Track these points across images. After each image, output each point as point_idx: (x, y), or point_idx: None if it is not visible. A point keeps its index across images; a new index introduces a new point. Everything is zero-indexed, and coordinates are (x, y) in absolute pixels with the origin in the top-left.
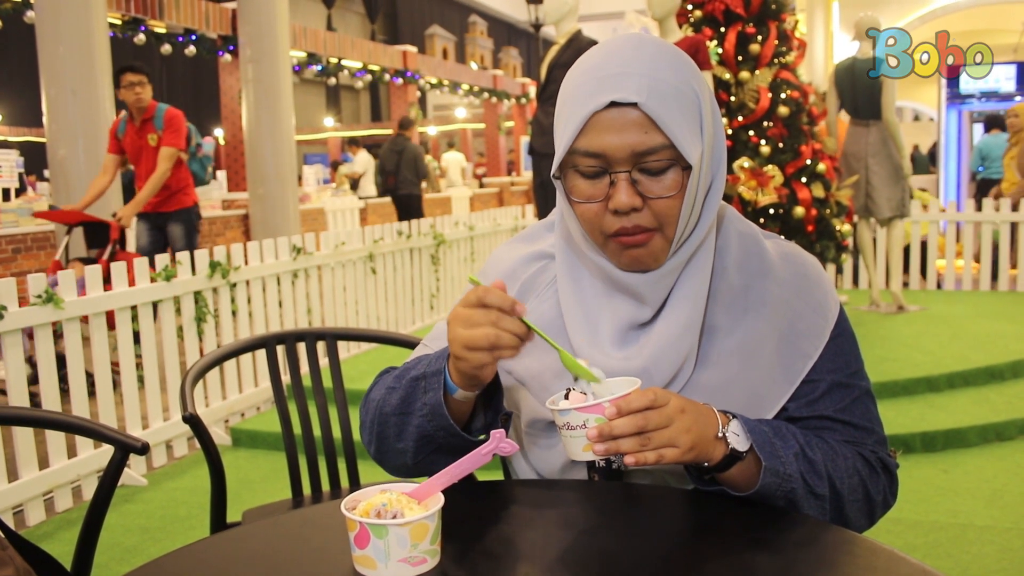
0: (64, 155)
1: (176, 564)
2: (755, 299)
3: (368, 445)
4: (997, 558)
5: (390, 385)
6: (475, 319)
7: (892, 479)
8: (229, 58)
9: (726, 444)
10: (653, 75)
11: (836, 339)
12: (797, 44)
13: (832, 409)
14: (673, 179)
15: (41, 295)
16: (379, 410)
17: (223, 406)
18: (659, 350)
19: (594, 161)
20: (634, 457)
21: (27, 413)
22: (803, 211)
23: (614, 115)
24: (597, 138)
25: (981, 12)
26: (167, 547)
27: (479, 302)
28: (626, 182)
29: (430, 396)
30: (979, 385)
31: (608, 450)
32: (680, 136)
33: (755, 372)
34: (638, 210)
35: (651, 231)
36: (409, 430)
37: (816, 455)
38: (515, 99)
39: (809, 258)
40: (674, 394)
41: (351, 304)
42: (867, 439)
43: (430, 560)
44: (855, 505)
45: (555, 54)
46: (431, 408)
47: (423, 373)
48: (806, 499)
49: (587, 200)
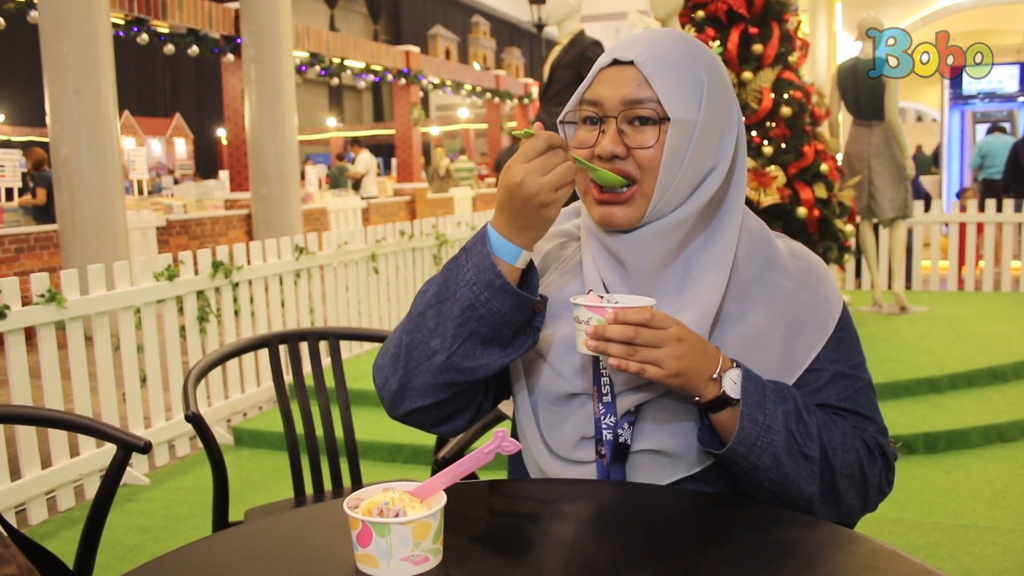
0: (67, 155)
1: (178, 563)
2: (763, 290)
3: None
4: (999, 559)
5: (422, 290)
6: (549, 163)
7: (889, 467)
8: (232, 58)
9: (719, 386)
10: (657, 47)
11: (839, 332)
12: (800, 44)
13: (836, 398)
14: (656, 131)
15: (44, 294)
16: (408, 322)
17: (225, 405)
18: None
19: (592, 109)
20: (618, 362)
21: (30, 412)
22: (806, 211)
23: (614, 71)
24: (598, 87)
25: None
26: (169, 546)
27: (547, 145)
28: (613, 129)
29: (475, 258)
30: (982, 386)
31: (598, 348)
32: (668, 93)
33: (758, 360)
34: (621, 158)
35: (631, 183)
36: (450, 313)
37: (812, 419)
38: (518, 99)
39: (815, 256)
40: (678, 322)
41: (353, 304)
42: (868, 427)
43: (432, 559)
44: (848, 480)
45: (558, 54)
46: (477, 267)
47: (463, 249)
48: (793, 458)
49: (580, 145)
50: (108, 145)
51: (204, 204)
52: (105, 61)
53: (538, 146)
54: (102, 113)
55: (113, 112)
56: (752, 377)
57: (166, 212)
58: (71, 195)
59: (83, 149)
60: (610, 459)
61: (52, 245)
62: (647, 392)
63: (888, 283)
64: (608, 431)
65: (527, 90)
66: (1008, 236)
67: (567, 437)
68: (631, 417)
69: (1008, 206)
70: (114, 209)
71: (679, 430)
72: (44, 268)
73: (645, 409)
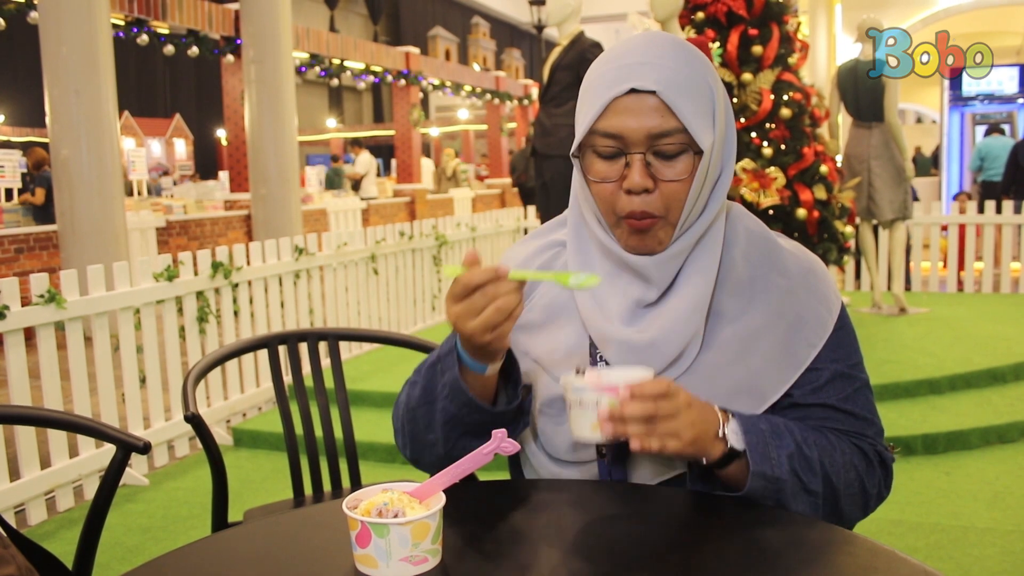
0: (67, 155)
1: (177, 563)
2: (760, 289)
3: (403, 449)
4: (998, 560)
5: (411, 380)
6: (477, 304)
7: (887, 472)
8: (232, 59)
9: (725, 443)
10: (671, 66)
11: (838, 331)
12: (800, 46)
13: (835, 398)
14: (684, 164)
15: (43, 295)
16: (406, 407)
17: (225, 406)
18: (668, 326)
19: (612, 142)
20: (639, 442)
21: (29, 412)
22: (805, 213)
23: (633, 100)
24: (617, 120)
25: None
26: (168, 547)
27: (468, 287)
28: (641, 163)
29: (447, 376)
30: (981, 387)
31: (616, 431)
32: (693, 123)
33: (756, 358)
34: (650, 192)
35: (656, 218)
36: (436, 417)
37: (813, 452)
38: (517, 100)
39: (814, 256)
40: (683, 388)
41: (353, 304)
42: (867, 429)
43: (431, 559)
44: (850, 499)
45: (557, 55)
46: (450, 387)
47: (438, 356)
48: (797, 496)
49: (603, 180)
50: (108, 146)
51: (204, 205)
52: (105, 62)
53: (457, 291)
54: (102, 114)
55: (113, 113)
56: (751, 428)
57: (166, 213)
58: (71, 196)
59: (83, 150)
60: (611, 459)
61: (52, 246)
62: None
63: (888, 284)
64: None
65: (527, 91)
66: (1007, 237)
67: (567, 439)
68: None
69: (1008, 208)
70: (114, 210)
71: None
72: (44, 269)
73: None
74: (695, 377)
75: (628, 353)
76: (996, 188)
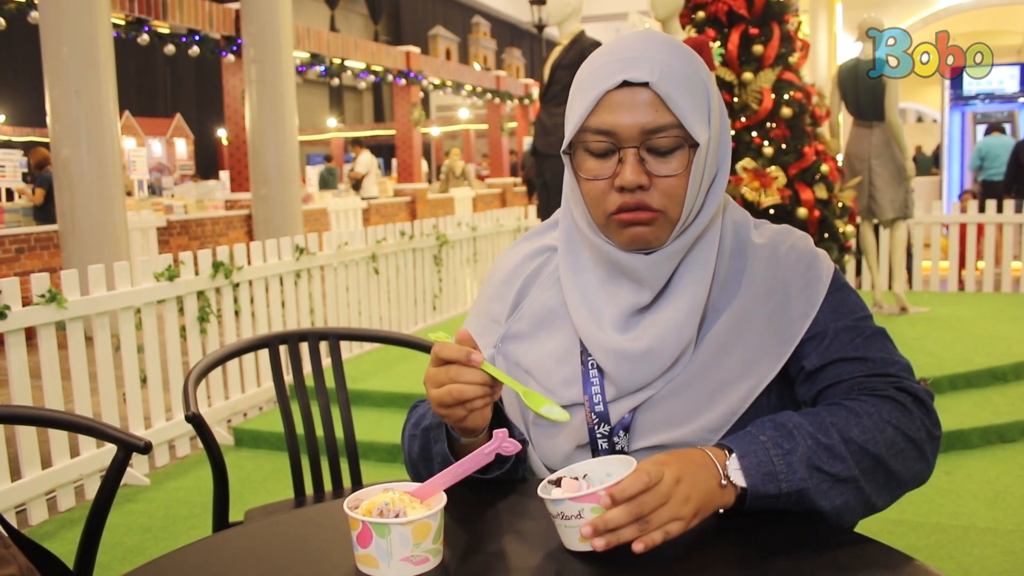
0: (68, 155)
1: (178, 563)
2: (746, 277)
3: (413, 479)
4: (999, 560)
5: (411, 432)
6: (439, 378)
7: (927, 409)
8: (232, 59)
9: (734, 487)
10: (664, 60)
11: (835, 293)
12: (800, 45)
13: (845, 350)
14: (680, 159)
15: (44, 295)
16: (408, 455)
17: (226, 406)
18: (664, 333)
19: (604, 138)
20: (642, 543)
21: (30, 412)
22: (806, 212)
23: (625, 94)
24: (608, 116)
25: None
26: (169, 547)
27: (437, 359)
28: (634, 159)
29: (439, 447)
30: (982, 387)
31: (610, 543)
32: (689, 116)
33: (750, 338)
34: (644, 188)
35: (655, 211)
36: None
37: (833, 437)
38: (518, 100)
39: (797, 232)
40: (666, 463)
41: (354, 304)
42: (888, 368)
43: (432, 559)
44: (899, 456)
45: (558, 55)
46: (443, 458)
47: (430, 424)
48: (831, 492)
49: (595, 177)
50: (108, 145)
51: (204, 204)
52: (106, 61)
53: (432, 356)
54: (103, 113)
55: (114, 112)
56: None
57: (166, 212)
58: (72, 195)
59: (84, 150)
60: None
61: (52, 245)
62: (639, 396)
63: (888, 284)
64: (603, 440)
65: (527, 91)
66: (1008, 237)
67: (561, 448)
68: (626, 422)
69: (1008, 207)
70: (114, 209)
71: (677, 427)
72: (44, 268)
73: (640, 412)
74: (687, 375)
75: (623, 362)
76: (996, 187)
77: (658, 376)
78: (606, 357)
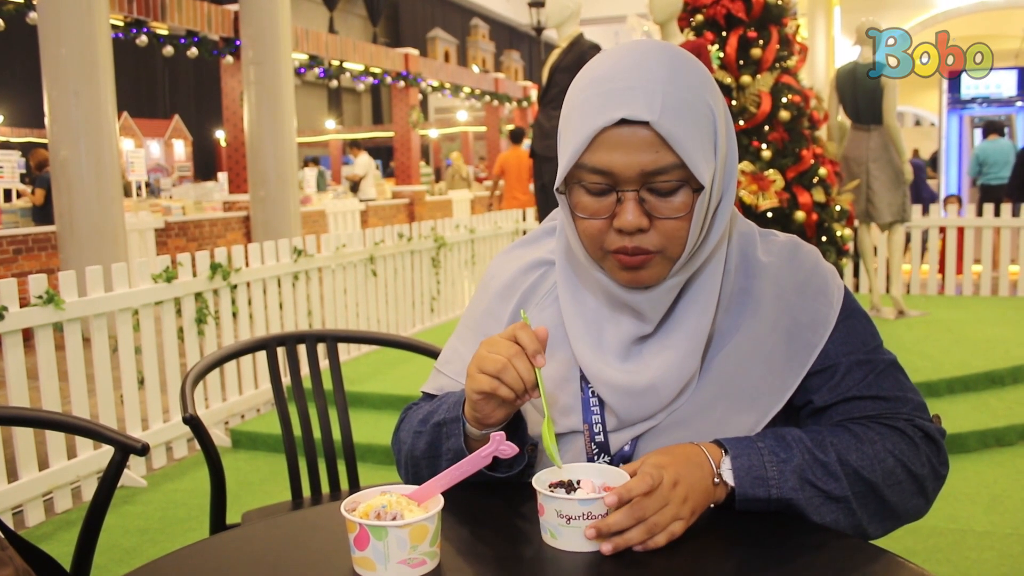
0: (66, 156)
1: (175, 565)
2: (752, 300)
3: (405, 481)
4: (996, 564)
5: (416, 429)
6: (498, 347)
7: (937, 448)
8: (231, 60)
9: (725, 485)
10: (666, 90)
11: (845, 322)
12: (799, 48)
13: (857, 388)
14: (682, 200)
15: (42, 296)
16: (410, 453)
17: (223, 408)
18: (667, 367)
19: (601, 178)
20: (643, 546)
21: (27, 413)
22: (804, 215)
23: (624, 132)
24: (606, 155)
25: (982, 17)
26: (166, 548)
27: (511, 335)
28: (633, 201)
29: (452, 442)
30: (979, 390)
31: (618, 546)
32: (692, 156)
33: (755, 370)
34: (644, 230)
35: (653, 253)
36: (441, 471)
37: (830, 456)
38: (516, 102)
39: (805, 248)
40: (664, 466)
41: (351, 306)
42: (901, 408)
43: (429, 562)
44: (896, 488)
45: (557, 57)
46: (455, 453)
47: (443, 419)
48: (821, 508)
49: (591, 216)
50: (107, 147)
51: (203, 206)
52: (104, 63)
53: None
54: (101, 115)
55: (112, 114)
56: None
57: (164, 214)
58: (70, 197)
59: (82, 151)
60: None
61: (50, 246)
62: (641, 427)
63: (886, 287)
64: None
65: (526, 93)
66: (1006, 240)
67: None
68: (626, 453)
69: (1006, 210)
70: (112, 211)
71: None
72: (42, 269)
73: (642, 442)
74: (692, 405)
75: (625, 397)
76: (995, 191)
77: (661, 409)
78: (607, 391)
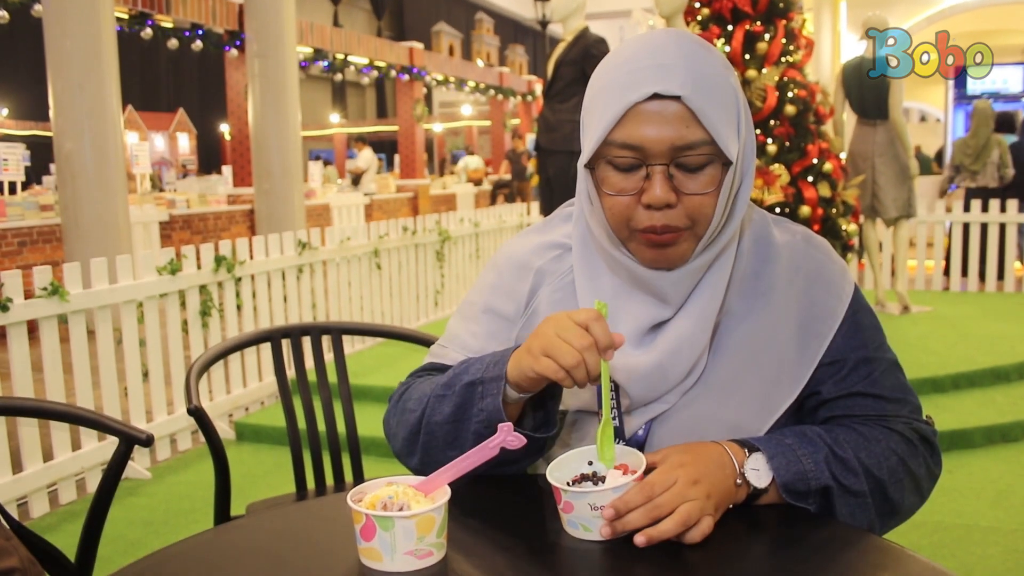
0: (71, 149)
1: (179, 557)
2: (764, 285)
3: (407, 456)
4: (1002, 559)
5: (438, 393)
6: (571, 334)
7: (933, 449)
8: (236, 53)
9: (748, 485)
10: (695, 68)
11: (854, 316)
12: (804, 43)
13: (861, 384)
14: (711, 175)
15: (46, 288)
16: (425, 420)
17: (227, 400)
18: (675, 346)
19: (630, 153)
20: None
21: (32, 404)
22: (809, 210)
23: (655, 107)
24: (636, 130)
25: (988, 12)
26: (170, 540)
27: (586, 322)
28: (662, 176)
29: (488, 402)
30: (984, 386)
31: (651, 539)
32: (721, 131)
33: (768, 359)
34: (672, 206)
35: (681, 230)
36: (464, 436)
37: (848, 452)
38: (521, 96)
39: (817, 240)
40: (683, 464)
41: (356, 300)
42: (901, 410)
43: (436, 553)
44: (898, 486)
45: (562, 51)
46: (488, 414)
47: (480, 378)
48: (841, 500)
49: (619, 193)
50: (111, 140)
51: (207, 199)
52: (109, 56)
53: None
54: (106, 108)
55: (116, 107)
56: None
57: (169, 207)
58: (74, 189)
59: (86, 144)
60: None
61: (55, 239)
62: (654, 409)
63: (891, 283)
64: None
65: (530, 87)
66: (1011, 236)
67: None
68: (640, 438)
69: (1012, 207)
70: (117, 204)
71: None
72: (47, 262)
73: (656, 425)
74: (705, 388)
75: (636, 379)
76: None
77: (672, 388)
78: (620, 373)
